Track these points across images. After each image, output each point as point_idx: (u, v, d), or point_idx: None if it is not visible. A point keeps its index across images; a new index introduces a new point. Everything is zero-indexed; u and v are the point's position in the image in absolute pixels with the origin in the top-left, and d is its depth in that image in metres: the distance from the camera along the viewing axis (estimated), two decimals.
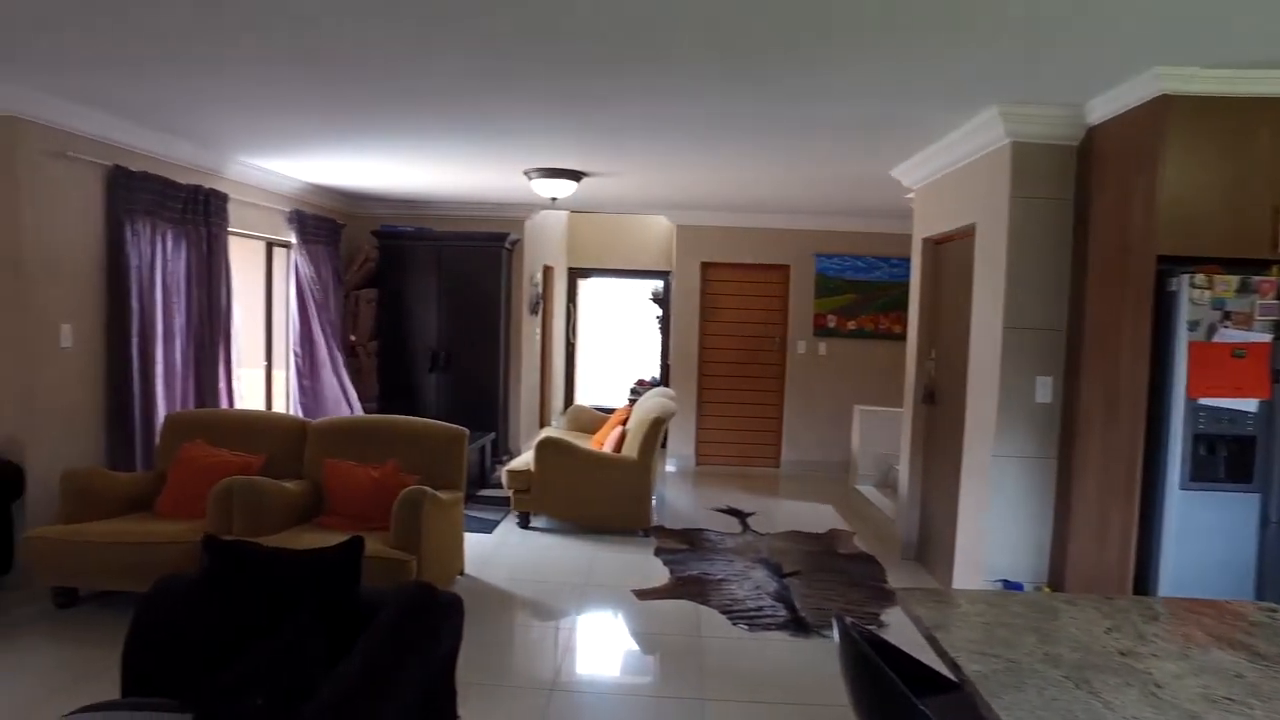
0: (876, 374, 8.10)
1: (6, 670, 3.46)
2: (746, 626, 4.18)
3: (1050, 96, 3.66)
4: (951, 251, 4.96)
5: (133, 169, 4.87)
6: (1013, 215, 3.92)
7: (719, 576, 4.94)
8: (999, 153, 4.03)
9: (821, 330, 8.18)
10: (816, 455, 8.23)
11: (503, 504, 6.24)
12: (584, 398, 11.51)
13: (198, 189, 5.43)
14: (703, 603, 4.51)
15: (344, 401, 7.37)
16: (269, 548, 2.35)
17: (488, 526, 5.70)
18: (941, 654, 1.72)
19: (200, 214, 5.47)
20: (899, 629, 3.97)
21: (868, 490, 6.91)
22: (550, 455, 5.59)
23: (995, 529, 3.99)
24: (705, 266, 8.26)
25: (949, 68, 3.33)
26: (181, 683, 2.31)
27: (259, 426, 4.68)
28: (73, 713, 2.23)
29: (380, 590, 2.42)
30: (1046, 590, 3.84)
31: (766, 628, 4.18)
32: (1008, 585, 3.91)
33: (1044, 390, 3.94)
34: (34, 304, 4.31)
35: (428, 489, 3.96)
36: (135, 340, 4.86)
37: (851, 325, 8.18)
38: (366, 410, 7.70)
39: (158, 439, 4.99)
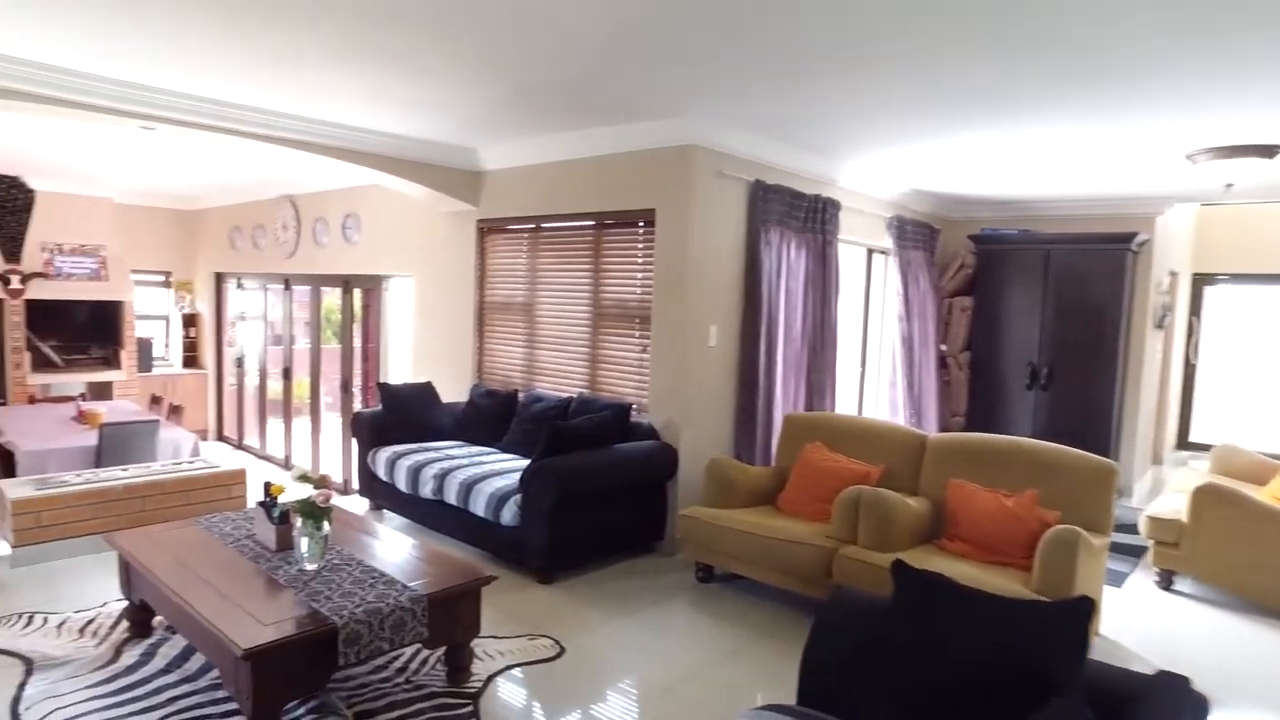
0: None
1: (661, 628, 3.89)
2: None
3: None
4: None
5: (769, 182, 5.21)
6: None
7: None
8: None
9: None
10: None
11: (1131, 552, 5.24)
12: (1201, 431, 9.40)
13: (817, 198, 5.62)
14: None
15: (931, 412, 7.09)
16: (965, 586, 2.07)
17: (1115, 579, 4.79)
18: None
19: (817, 223, 5.66)
20: None
21: None
22: (1213, 506, 4.45)
23: None
24: None
25: None
26: (859, 705, 2.18)
27: (875, 436, 4.58)
28: (762, 708, 2.25)
29: (1106, 667, 1.96)
30: None
31: None
32: None
33: None
34: (693, 307, 4.85)
35: (1081, 530, 3.36)
36: (763, 342, 5.20)
37: None
38: (954, 426, 7.30)
39: (775, 436, 5.28)
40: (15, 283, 7.93)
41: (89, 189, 8.47)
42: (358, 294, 7.33)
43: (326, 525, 3.16)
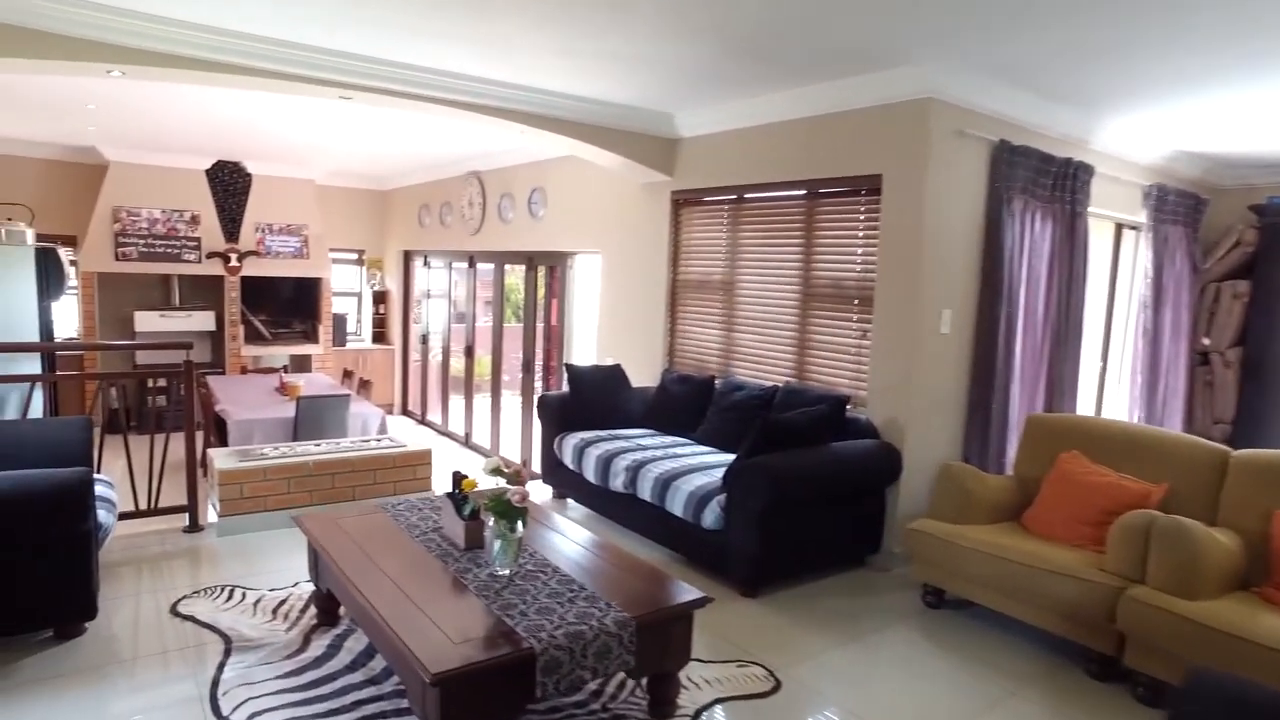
0: None
1: (892, 664, 3.28)
2: None
3: None
4: None
5: (1015, 143, 4.42)
6: None
7: None
8: None
9: None
10: None
11: None
12: None
13: (1068, 162, 4.74)
14: None
15: (1177, 417, 6.00)
16: None
17: None
18: None
19: (1066, 190, 4.79)
20: None
21: None
22: None
23: None
24: None
25: None
26: None
27: (1150, 446, 3.74)
28: None
29: None
30: None
31: None
32: None
33: None
34: (924, 287, 4.17)
35: None
36: (1002, 329, 4.44)
37: None
38: (1216, 435, 6.14)
39: (1010, 440, 4.53)
40: (234, 260, 8.36)
41: (295, 171, 8.81)
42: (542, 271, 7.12)
43: (521, 527, 2.82)
